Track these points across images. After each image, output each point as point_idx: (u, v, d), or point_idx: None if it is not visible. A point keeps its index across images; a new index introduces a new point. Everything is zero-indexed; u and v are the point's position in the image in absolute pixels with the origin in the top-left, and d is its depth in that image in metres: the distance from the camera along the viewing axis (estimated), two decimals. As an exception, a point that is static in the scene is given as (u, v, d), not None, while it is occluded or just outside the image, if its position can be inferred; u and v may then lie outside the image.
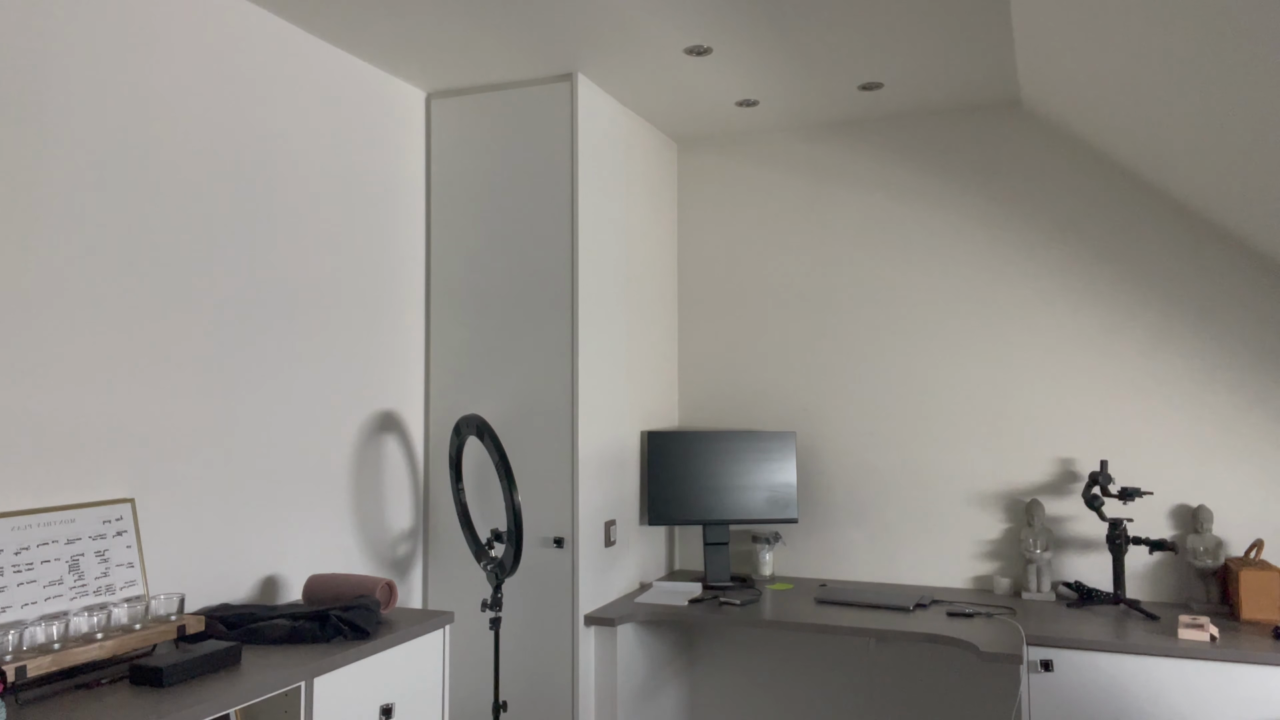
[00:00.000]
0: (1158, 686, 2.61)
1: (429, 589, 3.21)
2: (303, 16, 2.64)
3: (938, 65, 3.05)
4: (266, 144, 2.60)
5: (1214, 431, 3.15)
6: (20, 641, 1.78)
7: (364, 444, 2.96)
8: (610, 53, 2.92)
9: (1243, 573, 2.85)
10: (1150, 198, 3.26)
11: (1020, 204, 3.41)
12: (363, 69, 2.98)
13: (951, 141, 3.51)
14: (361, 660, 2.21)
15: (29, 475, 1.99)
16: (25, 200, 1.99)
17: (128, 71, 2.21)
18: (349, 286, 2.90)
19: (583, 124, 3.11)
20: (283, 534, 2.64)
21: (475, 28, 2.73)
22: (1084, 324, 3.31)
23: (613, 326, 3.31)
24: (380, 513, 3.03)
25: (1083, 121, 3.16)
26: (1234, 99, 2.28)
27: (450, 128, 3.26)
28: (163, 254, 2.30)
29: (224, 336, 2.46)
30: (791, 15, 2.64)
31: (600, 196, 3.23)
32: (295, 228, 2.70)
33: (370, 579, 2.49)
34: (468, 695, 3.13)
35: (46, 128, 2.04)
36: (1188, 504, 3.17)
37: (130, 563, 2.14)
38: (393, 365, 3.10)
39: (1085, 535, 3.27)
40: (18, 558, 1.91)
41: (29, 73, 2.01)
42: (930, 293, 3.51)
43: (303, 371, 2.71)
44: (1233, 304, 3.15)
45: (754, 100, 3.38)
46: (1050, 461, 3.33)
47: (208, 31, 2.43)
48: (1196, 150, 2.74)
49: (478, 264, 3.20)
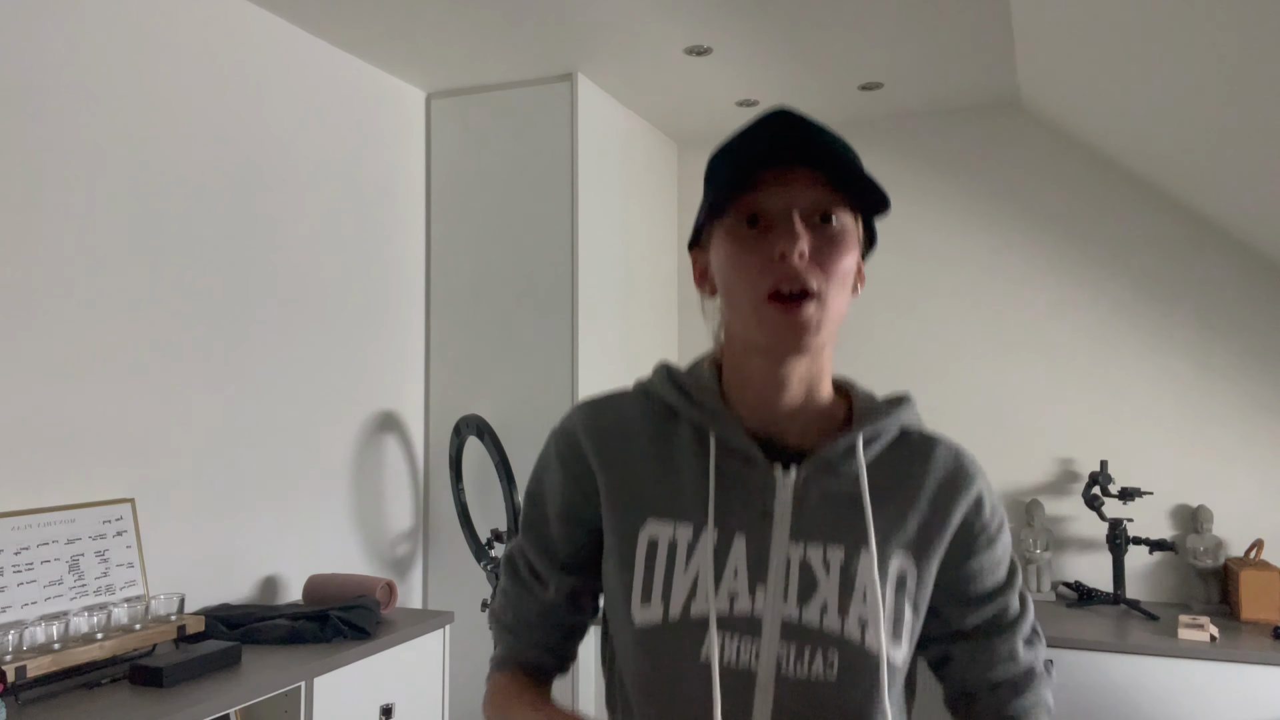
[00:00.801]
0: (1158, 686, 2.61)
1: (429, 589, 3.21)
2: (303, 16, 2.64)
3: (938, 65, 3.05)
4: (266, 144, 2.60)
5: (1214, 431, 3.15)
6: (20, 641, 1.78)
7: (364, 444, 2.95)
8: (610, 53, 2.92)
9: (1243, 573, 2.85)
10: (1150, 197, 3.26)
11: (1019, 204, 3.41)
12: (363, 69, 2.98)
13: (951, 141, 3.50)
14: (361, 660, 2.21)
15: (29, 475, 1.99)
16: (25, 200, 1.99)
17: (127, 71, 2.21)
18: (349, 286, 2.90)
19: (583, 124, 3.11)
20: (283, 534, 2.64)
21: (475, 28, 2.73)
22: (1083, 323, 3.31)
23: (613, 326, 3.31)
24: (380, 513, 3.03)
25: (1083, 121, 3.16)
26: (1234, 98, 2.28)
27: (450, 128, 3.26)
28: (163, 253, 2.30)
29: (224, 336, 2.46)
30: (791, 15, 2.64)
31: (600, 196, 3.22)
32: (295, 227, 2.70)
33: (370, 579, 2.49)
34: (468, 695, 3.13)
35: (46, 127, 2.04)
36: (1188, 504, 3.17)
37: (130, 563, 2.13)
38: (393, 365, 3.10)
39: (1085, 535, 3.26)
40: (18, 558, 1.91)
41: (29, 72, 2.01)
42: (930, 292, 3.50)
43: (303, 371, 2.71)
44: (1233, 304, 3.15)
45: (754, 100, 3.38)
46: (1050, 461, 3.33)
47: (207, 31, 2.43)
48: (1196, 150, 2.74)
49: (478, 264, 3.20)
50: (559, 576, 1.00)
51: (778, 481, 0.89)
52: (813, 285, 0.84)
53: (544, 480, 1.00)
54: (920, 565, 0.91)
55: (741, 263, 0.86)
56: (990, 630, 0.96)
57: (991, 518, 0.96)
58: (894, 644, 0.87)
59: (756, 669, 0.85)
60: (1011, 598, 0.97)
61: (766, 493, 0.89)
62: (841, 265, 0.86)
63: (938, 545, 0.92)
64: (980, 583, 0.95)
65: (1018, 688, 0.96)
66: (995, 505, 0.97)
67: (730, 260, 0.87)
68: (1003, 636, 0.96)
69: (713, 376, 0.95)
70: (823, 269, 0.85)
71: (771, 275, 0.84)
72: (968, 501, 0.93)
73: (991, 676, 0.96)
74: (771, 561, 0.87)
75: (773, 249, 0.84)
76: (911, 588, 0.89)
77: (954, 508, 0.92)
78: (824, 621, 0.85)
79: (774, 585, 0.86)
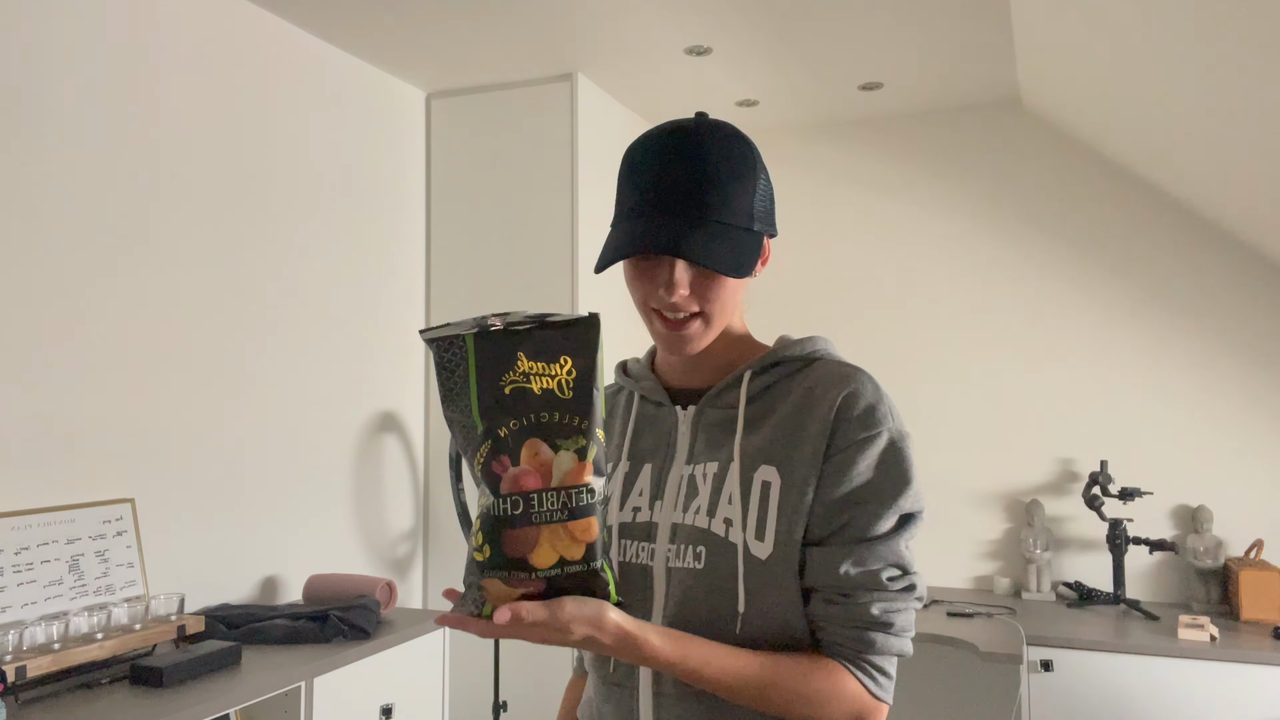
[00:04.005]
0: (1158, 686, 2.61)
1: (429, 589, 3.21)
2: (303, 16, 2.64)
3: (938, 65, 3.05)
4: (266, 144, 2.60)
5: (1214, 431, 3.15)
6: (20, 641, 1.78)
7: (364, 444, 2.96)
8: (610, 53, 2.92)
9: (1243, 573, 2.85)
10: (1150, 197, 3.26)
11: (1019, 204, 3.41)
12: (363, 69, 2.98)
13: (951, 141, 3.51)
14: (361, 660, 2.21)
15: (29, 475, 1.99)
16: (25, 200, 1.99)
17: (127, 71, 2.21)
18: (349, 286, 2.90)
19: (583, 124, 3.11)
20: (283, 534, 2.64)
21: (475, 28, 2.73)
22: (1084, 323, 3.31)
23: (612, 326, 3.31)
24: (380, 513, 3.03)
25: (1083, 121, 3.16)
26: (1234, 97, 2.28)
27: (450, 128, 3.26)
28: (162, 253, 2.30)
29: (224, 336, 2.46)
30: (791, 15, 2.64)
31: (600, 196, 3.23)
32: (295, 227, 2.70)
33: (370, 579, 2.49)
34: (468, 695, 3.13)
35: (46, 128, 2.04)
36: (1188, 504, 3.17)
37: (130, 563, 2.13)
38: (393, 365, 3.10)
39: (1085, 535, 3.26)
40: (18, 558, 1.91)
41: (28, 72, 2.01)
42: (930, 292, 3.50)
43: (303, 371, 2.71)
44: (1233, 304, 3.15)
45: (754, 100, 3.38)
46: (1050, 461, 3.33)
47: (208, 32, 2.43)
48: (1196, 149, 2.75)
49: (478, 264, 3.20)
50: None
51: (679, 418, 1.10)
52: (695, 308, 1.01)
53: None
54: (786, 473, 0.99)
55: (634, 283, 1.03)
56: (832, 540, 0.98)
57: (858, 425, 0.98)
58: (757, 541, 0.98)
59: (652, 564, 1.04)
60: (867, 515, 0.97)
61: (671, 429, 1.10)
62: (720, 292, 1.01)
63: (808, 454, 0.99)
64: (834, 486, 0.98)
65: (830, 599, 0.97)
66: (869, 415, 0.98)
67: (628, 279, 1.04)
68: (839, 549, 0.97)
69: (649, 354, 1.19)
70: (703, 297, 1.00)
71: (656, 301, 1.01)
72: (831, 408, 1.00)
73: (813, 582, 0.98)
74: (669, 481, 1.07)
75: (658, 279, 1.00)
76: (776, 494, 0.99)
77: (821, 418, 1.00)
78: (696, 522, 1.02)
79: (669, 499, 1.06)
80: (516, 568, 0.85)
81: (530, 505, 0.85)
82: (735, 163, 0.99)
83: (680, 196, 0.97)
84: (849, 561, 0.96)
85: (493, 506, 0.86)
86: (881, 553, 0.97)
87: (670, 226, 0.97)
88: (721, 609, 0.98)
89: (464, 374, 0.90)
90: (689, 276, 0.99)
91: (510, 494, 0.86)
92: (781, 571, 0.97)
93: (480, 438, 0.88)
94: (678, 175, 0.98)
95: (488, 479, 0.87)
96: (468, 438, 0.90)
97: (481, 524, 0.87)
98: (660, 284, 0.99)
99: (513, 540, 0.85)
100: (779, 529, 0.98)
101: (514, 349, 0.89)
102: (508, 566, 0.85)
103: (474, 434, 0.89)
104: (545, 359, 0.89)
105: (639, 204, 1.00)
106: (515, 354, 0.89)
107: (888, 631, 0.97)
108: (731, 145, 1.00)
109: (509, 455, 0.87)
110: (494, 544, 0.85)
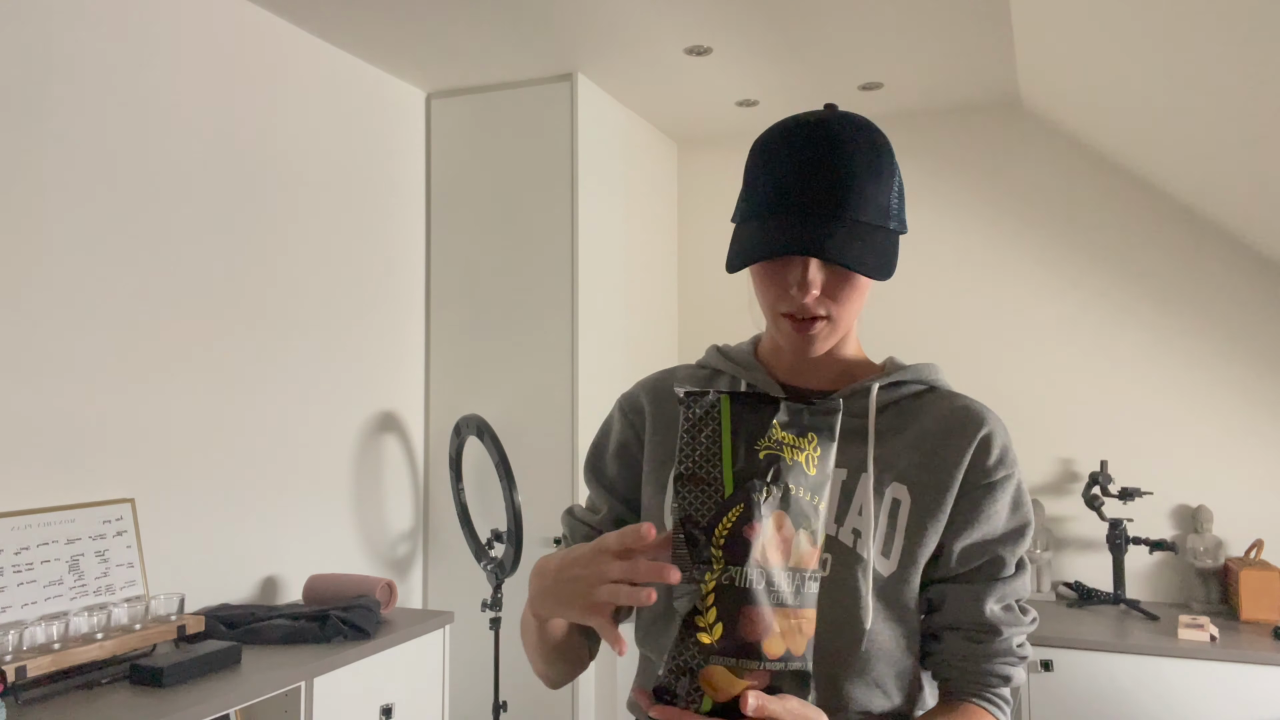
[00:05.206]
0: (1158, 686, 2.61)
1: (429, 589, 3.21)
2: (303, 16, 2.64)
3: (938, 65, 3.05)
4: (266, 144, 2.60)
5: (1214, 431, 3.15)
6: (20, 641, 1.78)
7: (364, 444, 2.96)
8: (610, 53, 2.92)
9: (1243, 573, 2.85)
10: (1150, 197, 3.26)
11: (1019, 204, 3.41)
12: (363, 69, 2.98)
13: (951, 141, 3.51)
14: (361, 660, 2.21)
15: (29, 475, 1.99)
16: (26, 200, 1.99)
17: (128, 71, 2.21)
18: (349, 286, 2.90)
19: (583, 124, 3.11)
20: (283, 534, 2.64)
21: (475, 28, 2.73)
22: (1084, 324, 3.31)
23: (613, 326, 3.31)
24: (380, 513, 3.03)
25: (1083, 121, 3.16)
26: (1233, 97, 2.28)
27: (450, 128, 3.26)
28: (163, 253, 2.30)
29: (224, 336, 2.46)
30: (791, 15, 2.64)
31: (600, 196, 3.23)
32: (295, 227, 2.70)
33: (370, 579, 2.49)
34: (468, 695, 3.13)
35: (47, 128, 2.04)
36: (1188, 504, 3.17)
37: (130, 563, 2.13)
38: (393, 365, 3.10)
39: (1085, 535, 3.26)
40: (18, 558, 1.91)
41: (30, 72, 2.01)
42: (928, 292, 3.50)
43: (303, 371, 2.71)
44: (1233, 304, 3.15)
45: (754, 100, 3.38)
46: (1050, 461, 3.33)
47: (208, 32, 2.43)
48: (1196, 149, 2.75)
49: (478, 264, 3.20)
50: (610, 501, 1.14)
51: None
52: (822, 313, 0.96)
53: (607, 431, 1.17)
54: (917, 495, 0.99)
55: (763, 283, 0.98)
56: (973, 577, 1.00)
57: (996, 466, 1.01)
58: (882, 557, 0.98)
59: None
60: (1004, 554, 1.00)
61: None
62: (852, 294, 0.97)
63: (942, 482, 0.99)
64: (975, 528, 1.00)
65: (972, 637, 0.99)
66: (1004, 457, 1.01)
67: (755, 275, 1.00)
68: (982, 587, 1.00)
69: (751, 343, 1.13)
70: (834, 299, 0.96)
71: (787, 303, 0.96)
72: (970, 444, 1.01)
73: (954, 620, 1.00)
74: None
75: (789, 280, 0.95)
76: (905, 514, 0.99)
77: (957, 450, 1.00)
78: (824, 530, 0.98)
79: None
80: (748, 654, 0.76)
81: (772, 583, 0.78)
82: (873, 158, 0.94)
83: (820, 195, 0.93)
84: (992, 599, 0.99)
85: (737, 577, 0.77)
86: (1016, 589, 1.01)
87: (811, 227, 0.92)
88: (843, 623, 0.96)
89: (714, 433, 0.83)
90: (822, 277, 0.95)
91: (760, 566, 0.78)
92: (901, 591, 0.98)
93: (730, 500, 0.80)
94: (816, 172, 0.93)
95: (734, 545, 0.78)
96: (708, 498, 0.81)
97: (717, 598, 0.77)
98: (792, 283, 0.95)
99: (750, 620, 0.77)
100: (904, 549, 0.98)
101: (769, 415, 0.84)
102: (738, 653, 0.76)
103: (718, 496, 0.81)
104: (795, 432, 0.84)
105: (776, 202, 0.94)
106: (770, 421, 0.84)
107: (1023, 664, 1.00)
108: (868, 139, 0.95)
109: (760, 524, 0.79)
110: (729, 623, 0.76)
